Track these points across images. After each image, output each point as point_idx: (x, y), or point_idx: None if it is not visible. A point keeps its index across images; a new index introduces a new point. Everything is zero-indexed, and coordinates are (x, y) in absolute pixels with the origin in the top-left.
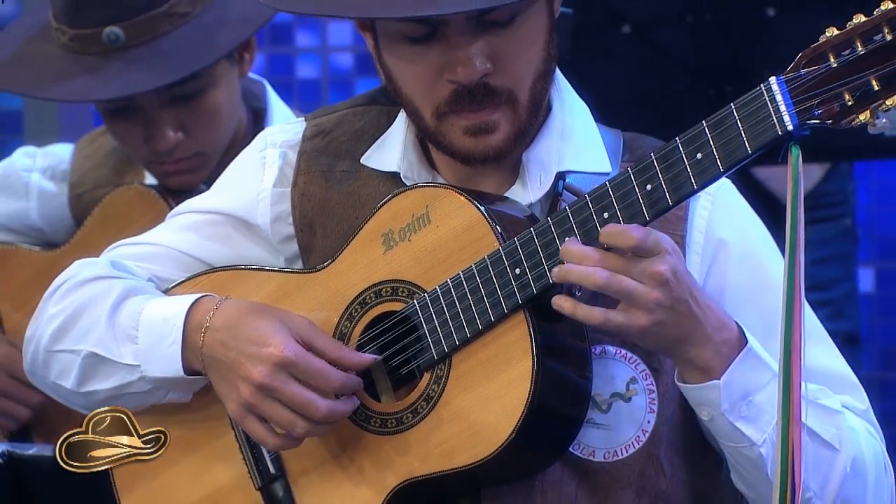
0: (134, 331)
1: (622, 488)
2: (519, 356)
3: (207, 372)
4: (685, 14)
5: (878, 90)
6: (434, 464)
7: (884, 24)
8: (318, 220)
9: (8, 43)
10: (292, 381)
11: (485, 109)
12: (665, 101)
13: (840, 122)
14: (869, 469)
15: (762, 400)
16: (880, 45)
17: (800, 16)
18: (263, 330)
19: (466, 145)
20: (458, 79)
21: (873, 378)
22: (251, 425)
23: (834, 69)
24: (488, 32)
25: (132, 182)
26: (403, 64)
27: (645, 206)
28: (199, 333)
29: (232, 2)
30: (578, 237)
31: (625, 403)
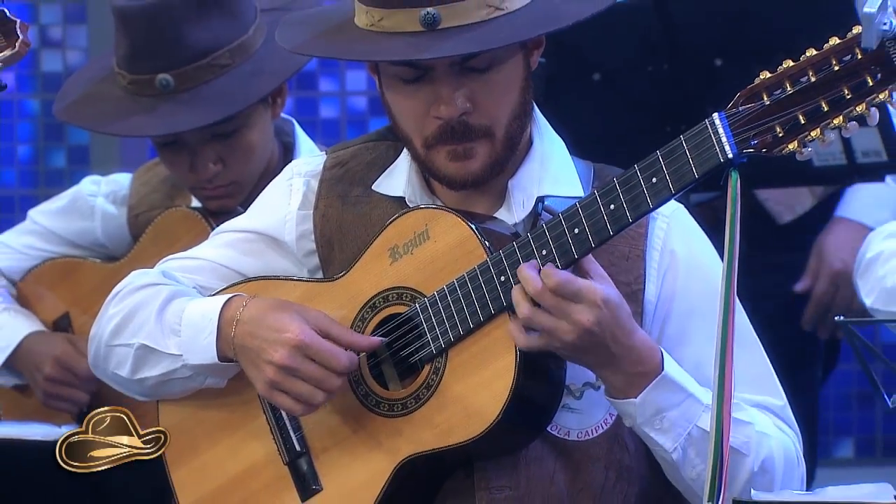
0: (177, 326)
1: (593, 463)
2: (504, 351)
3: (238, 358)
4: (646, 64)
5: (805, 123)
6: (434, 441)
7: (808, 68)
8: (336, 237)
9: (78, 84)
10: (308, 361)
11: (464, 142)
12: (629, 137)
13: (772, 150)
14: (777, 467)
15: (674, 415)
16: (805, 86)
17: (742, 65)
18: (283, 320)
19: (450, 170)
20: (442, 115)
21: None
22: (278, 398)
23: (767, 106)
24: (468, 77)
25: (180, 205)
26: (399, 101)
27: (609, 223)
28: (231, 326)
29: (266, 55)
30: (554, 250)
31: (595, 391)
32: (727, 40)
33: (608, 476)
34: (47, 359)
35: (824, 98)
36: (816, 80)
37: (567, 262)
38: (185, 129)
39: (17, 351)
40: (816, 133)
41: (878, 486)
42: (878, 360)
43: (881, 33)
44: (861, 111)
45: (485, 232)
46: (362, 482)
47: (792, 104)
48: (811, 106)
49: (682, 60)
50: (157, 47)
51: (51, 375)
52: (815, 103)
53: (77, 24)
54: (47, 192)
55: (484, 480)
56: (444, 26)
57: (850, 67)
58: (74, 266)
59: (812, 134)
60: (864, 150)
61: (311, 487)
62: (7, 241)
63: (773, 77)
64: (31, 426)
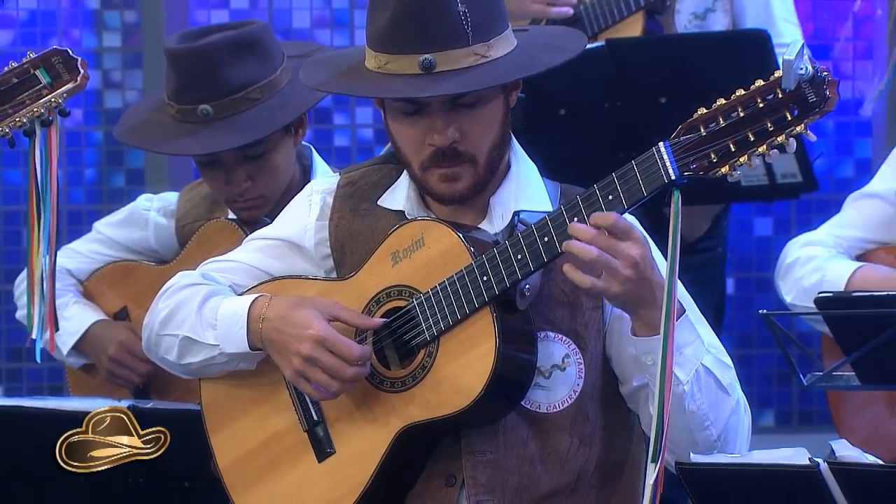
0: (214, 321)
1: (559, 431)
2: (486, 338)
3: (266, 348)
4: (603, 101)
5: (735, 151)
6: (427, 413)
7: (738, 105)
8: (348, 243)
9: (137, 113)
10: (327, 353)
11: (452, 166)
12: (589, 162)
13: (708, 173)
14: (741, 412)
15: (689, 352)
16: (735, 120)
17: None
18: (305, 317)
19: (441, 189)
20: (436, 143)
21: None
22: (302, 385)
23: (704, 136)
24: (458, 112)
25: (219, 217)
26: (401, 130)
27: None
28: (259, 322)
29: (290, 92)
30: (527, 255)
31: (561, 372)
32: (670, 82)
33: (572, 442)
34: (112, 343)
35: (751, 130)
36: (745, 115)
37: (538, 265)
38: (220, 150)
39: (84, 336)
40: (744, 159)
41: (795, 450)
42: (793, 345)
43: (798, 76)
44: (781, 141)
45: (470, 240)
46: (369, 446)
47: (724, 135)
48: (740, 136)
49: (633, 98)
50: (199, 83)
51: (115, 357)
52: (744, 134)
53: (134, 69)
54: (109, 207)
55: (469, 445)
56: (439, 70)
57: (772, 105)
58: (131, 268)
59: (741, 160)
60: (783, 173)
61: (326, 450)
62: (76, 248)
63: (709, 112)
64: (96, 400)
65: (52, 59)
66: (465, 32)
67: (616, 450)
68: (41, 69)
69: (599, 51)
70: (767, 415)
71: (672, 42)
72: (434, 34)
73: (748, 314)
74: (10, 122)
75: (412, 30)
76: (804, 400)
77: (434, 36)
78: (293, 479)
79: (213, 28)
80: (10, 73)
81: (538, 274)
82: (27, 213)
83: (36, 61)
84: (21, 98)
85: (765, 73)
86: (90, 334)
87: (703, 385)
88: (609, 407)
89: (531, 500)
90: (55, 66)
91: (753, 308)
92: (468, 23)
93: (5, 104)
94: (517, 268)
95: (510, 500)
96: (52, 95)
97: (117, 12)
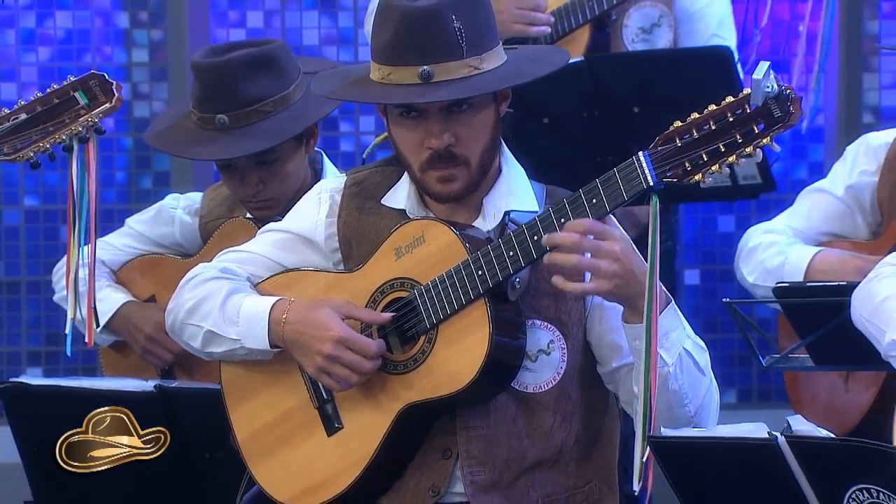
0: (236, 318)
1: (544, 409)
2: (480, 326)
3: (288, 348)
4: (582, 111)
5: (707, 160)
6: (426, 393)
7: (710, 119)
8: (354, 239)
9: (164, 121)
10: (348, 351)
11: (448, 168)
12: (570, 165)
13: (683, 180)
14: (713, 390)
15: (674, 337)
16: (707, 133)
17: (654, 112)
18: (324, 318)
19: (438, 189)
20: (433, 147)
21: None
22: (324, 380)
23: (679, 147)
24: (453, 118)
25: (238, 216)
26: (402, 134)
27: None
28: (280, 325)
29: (301, 106)
30: (518, 251)
31: (546, 356)
32: (641, 94)
33: (555, 419)
34: (149, 323)
35: (722, 142)
36: (716, 128)
37: (528, 261)
38: (233, 156)
39: (115, 316)
40: (715, 168)
41: (755, 424)
42: (753, 330)
43: (764, 94)
44: (749, 152)
45: (466, 237)
46: (373, 422)
47: (697, 146)
48: (712, 148)
49: (608, 109)
50: (218, 94)
51: (151, 336)
52: (715, 146)
53: (160, 82)
54: (137, 206)
55: (463, 422)
56: (436, 80)
57: (741, 119)
58: (159, 261)
59: (712, 168)
60: (744, 175)
61: (335, 426)
62: (109, 241)
63: (684, 125)
64: (125, 380)
65: (90, 82)
66: (461, 47)
67: (594, 425)
68: (80, 91)
69: (579, 66)
70: (730, 393)
71: (643, 58)
72: (432, 48)
73: (713, 302)
74: (51, 139)
75: (412, 44)
76: (763, 379)
77: (432, 49)
78: (305, 451)
79: (237, 45)
80: (52, 94)
81: (527, 269)
82: (66, 220)
83: (75, 84)
84: (61, 117)
85: (726, 85)
86: (120, 315)
87: (684, 367)
88: (588, 387)
89: (518, 470)
90: (92, 89)
91: (718, 297)
92: (463, 38)
93: (47, 122)
94: (509, 263)
95: (500, 470)
96: (90, 115)
97: (145, 31)
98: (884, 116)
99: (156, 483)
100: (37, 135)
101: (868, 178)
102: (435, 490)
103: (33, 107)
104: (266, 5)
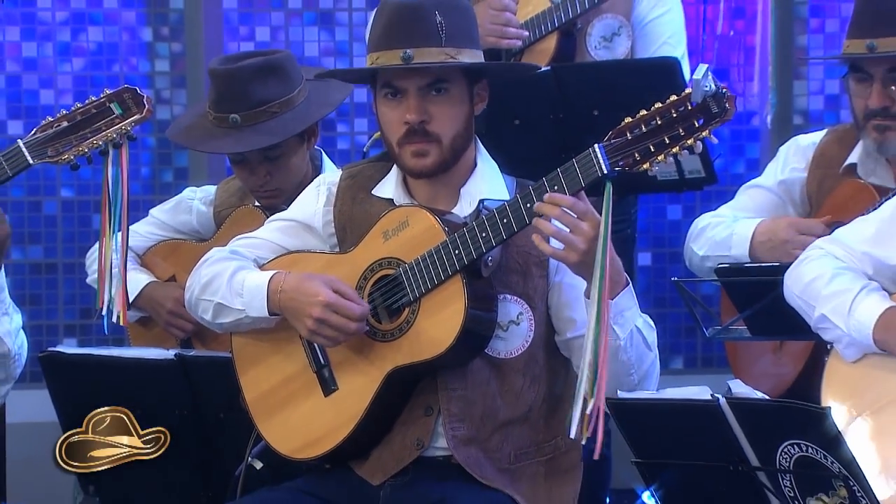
0: (241, 291)
1: (514, 372)
2: (457, 299)
3: (284, 313)
4: (549, 114)
5: (654, 151)
6: (410, 357)
7: (656, 115)
8: (348, 225)
9: (184, 120)
10: (333, 314)
11: (422, 143)
12: (538, 161)
13: (633, 169)
14: (657, 363)
15: (628, 314)
16: (654, 127)
17: (612, 114)
18: (313, 287)
19: (412, 164)
20: (409, 121)
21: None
22: (316, 339)
23: (629, 140)
24: (429, 100)
25: (248, 205)
26: (384, 113)
27: (526, 216)
28: (277, 294)
29: (305, 108)
30: (490, 233)
31: (516, 326)
32: (600, 98)
33: (524, 381)
34: (169, 299)
35: (667, 135)
36: (661, 123)
37: (499, 241)
38: (244, 150)
39: (140, 295)
40: (661, 158)
41: (700, 388)
42: (698, 305)
43: (704, 92)
44: (690, 144)
45: (445, 221)
46: (365, 384)
47: (645, 138)
48: (658, 140)
49: (571, 111)
50: (231, 97)
51: (172, 310)
52: (661, 138)
53: (179, 89)
54: (160, 197)
55: (444, 383)
56: (416, 62)
57: (683, 115)
58: (178, 245)
59: (659, 158)
60: (690, 170)
61: (331, 387)
62: (135, 229)
63: (633, 121)
64: (149, 350)
65: (124, 95)
66: (440, 36)
67: (558, 386)
68: (115, 102)
69: (546, 74)
70: (678, 360)
71: (602, 67)
72: (414, 35)
73: (663, 281)
74: (89, 144)
75: (398, 31)
76: (707, 348)
77: (414, 36)
78: (305, 409)
79: (249, 54)
80: (90, 105)
81: (499, 249)
82: (100, 210)
83: (111, 96)
84: (98, 125)
85: (674, 89)
86: (145, 292)
87: (634, 342)
88: (553, 354)
89: (493, 426)
90: (126, 101)
91: (667, 276)
92: (443, 30)
93: (85, 129)
94: (482, 243)
95: (476, 426)
96: (123, 124)
97: (166, 43)
98: (812, 119)
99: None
100: (76, 140)
101: (798, 174)
102: (419, 443)
103: (74, 116)
104: (272, 21)
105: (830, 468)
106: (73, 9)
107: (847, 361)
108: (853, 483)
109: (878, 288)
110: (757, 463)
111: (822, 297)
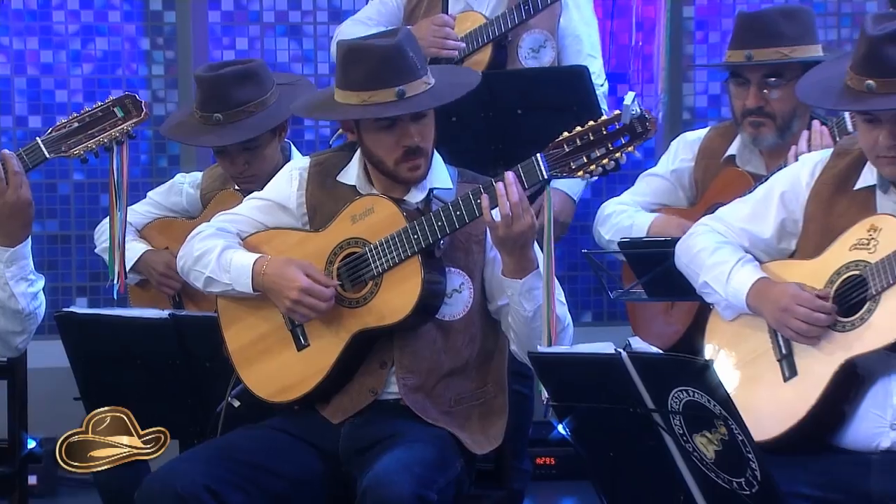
0: (228, 268)
1: (456, 332)
2: (415, 275)
3: (266, 292)
4: (480, 112)
5: (587, 162)
6: (373, 322)
7: (590, 132)
8: (318, 206)
9: (175, 118)
10: (308, 297)
11: (417, 159)
12: (473, 152)
13: (569, 175)
14: (568, 329)
15: (536, 293)
16: (588, 142)
17: (533, 113)
18: (292, 273)
19: (408, 175)
20: (409, 144)
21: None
22: (293, 315)
23: (567, 152)
24: (418, 123)
25: (229, 188)
26: (378, 140)
27: (475, 208)
28: (260, 276)
29: (275, 108)
30: (445, 223)
31: (458, 294)
32: (524, 99)
33: (464, 340)
34: (161, 263)
35: (597, 149)
36: (594, 138)
37: (451, 230)
38: (225, 143)
39: (138, 261)
40: (593, 168)
41: (605, 343)
42: (604, 272)
43: (631, 115)
44: (618, 157)
45: (405, 210)
46: (332, 342)
47: (580, 151)
48: (590, 153)
49: (500, 110)
50: (215, 99)
51: (163, 273)
52: (593, 151)
53: (172, 89)
54: (158, 180)
55: (398, 341)
56: (408, 95)
57: (613, 133)
58: (171, 222)
59: (591, 168)
60: None
61: (303, 343)
62: (135, 209)
63: (570, 136)
64: (146, 310)
65: (125, 100)
66: (417, 70)
67: (489, 343)
68: (118, 107)
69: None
70: (587, 315)
71: (525, 74)
72: (402, 73)
73: (574, 249)
74: (96, 141)
75: (388, 72)
76: (611, 305)
77: (402, 74)
78: (280, 361)
79: (229, 63)
80: (97, 108)
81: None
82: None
83: (115, 101)
84: (103, 126)
85: (582, 93)
86: (142, 259)
87: (539, 313)
88: (486, 317)
89: (437, 377)
90: (127, 105)
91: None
92: (417, 63)
93: (93, 129)
94: (437, 230)
95: (424, 377)
96: (125, 125)
97: (161, 51)
98: (697, 114)
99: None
100: (85, 138)
101: (686, 164)
102: (373, 391)
103: (83, 117)
104: (250, 33)
105: (713, 410)
106: (83, 22)
107: (725, 320)
108: (731, 422)
109: (751, 260)
110: (652, 406)
111: (706, 267)
